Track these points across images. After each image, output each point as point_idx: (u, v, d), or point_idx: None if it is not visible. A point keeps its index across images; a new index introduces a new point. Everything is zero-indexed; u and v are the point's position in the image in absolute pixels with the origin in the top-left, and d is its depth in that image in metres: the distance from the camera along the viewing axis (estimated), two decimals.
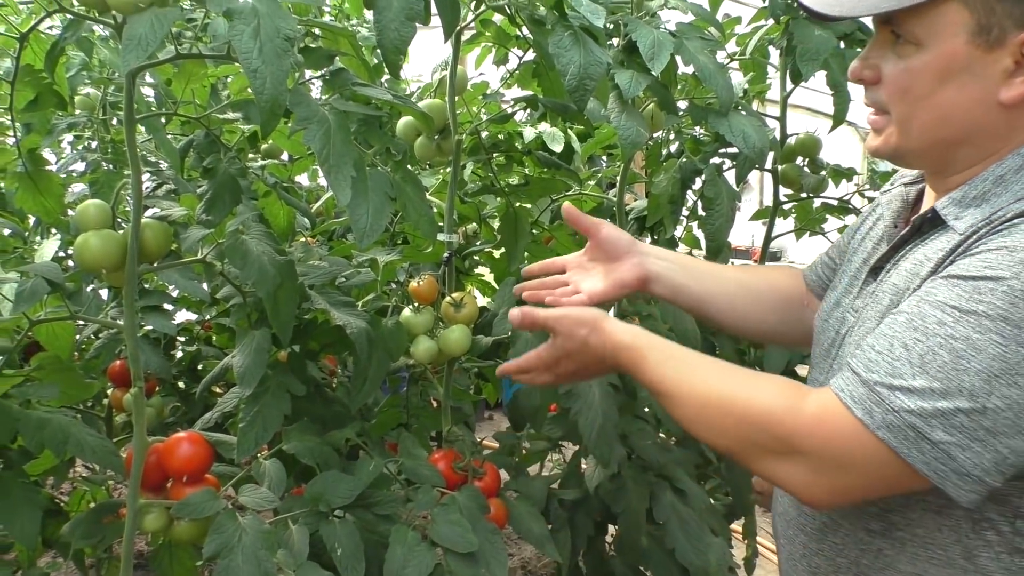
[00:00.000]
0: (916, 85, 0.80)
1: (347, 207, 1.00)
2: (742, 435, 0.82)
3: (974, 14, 0.76)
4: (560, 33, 1.14)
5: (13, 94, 1.26)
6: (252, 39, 0.94)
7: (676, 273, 1.11)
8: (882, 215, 0.99)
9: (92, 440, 1.18)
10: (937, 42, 0.78)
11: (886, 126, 0.85)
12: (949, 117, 0.80)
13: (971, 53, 0.77)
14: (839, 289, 1.00)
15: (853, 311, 0.93)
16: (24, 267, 1.16)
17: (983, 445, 0.71)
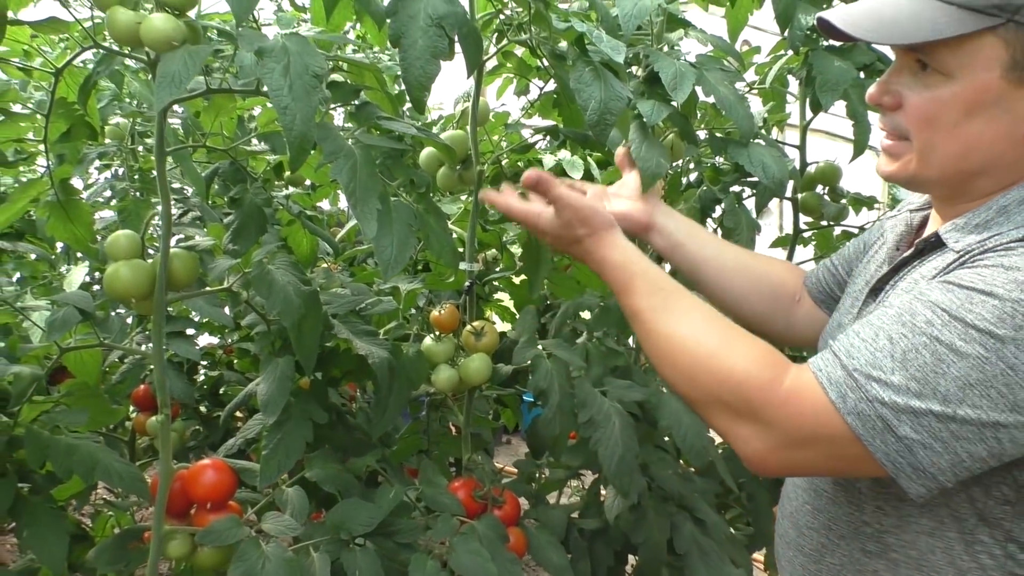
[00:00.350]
0: (943, 115, 0.80)
1: (372, 239, 1.01)
2: (710, 389, 0.83)
3: (1009, 49, 0.76)
4: (581, 69, 1.15)
5: (47, 126, 1.29)
6: (282, 77, 0.97)
7: (679, 232, 1.17)
8: (886, 240, 1.00)
9: (119, 466, 1.20)
10: (969, 74, 0.78)
11: (904, 152, 0.85)
12: (973, 148, 0.81)
13: (1003, 88, 0.77)
14: (841, 310, 1.02)
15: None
16: (56, 296, 1.18)
17: (944, 447, 0.72)
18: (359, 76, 1.27)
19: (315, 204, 1.96)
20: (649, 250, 1.28)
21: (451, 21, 1.07)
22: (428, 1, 1.06)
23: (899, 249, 0.96)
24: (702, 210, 1.58)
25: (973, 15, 0.75)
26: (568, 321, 1.58)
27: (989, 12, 0.75)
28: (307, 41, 1.03)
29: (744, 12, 1.68)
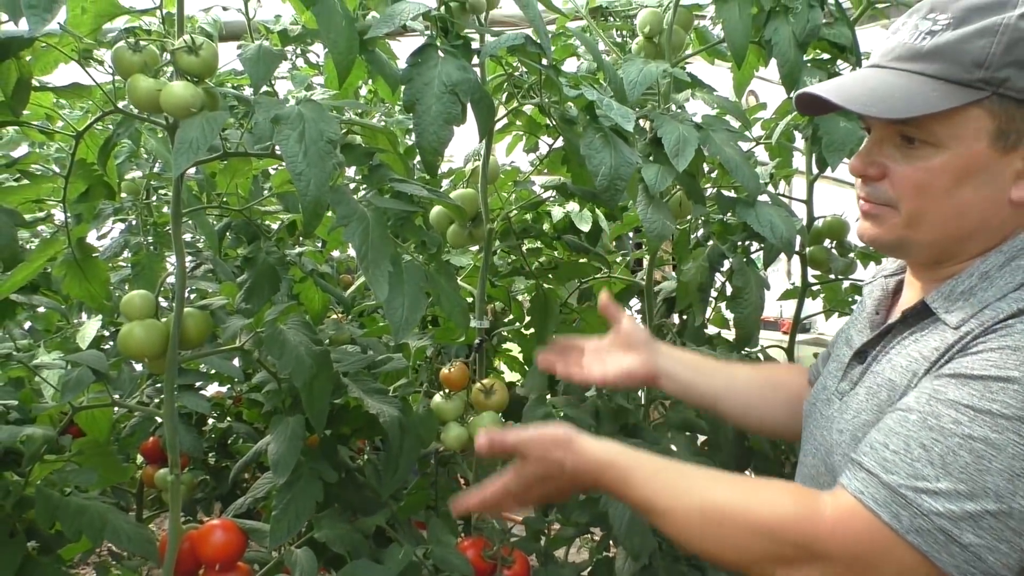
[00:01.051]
0: (935, 184, 0.82)
1: (384, 302, 1.02)
2: (755, 546, 0.80)
3: (995, 120, 0.79)
4: (591, 135, 1.17)
5: (67, 187, 1.32)
6: (297, 143, 0.99)
7: (686, 372, 1.14)
8: (865, 305, 1.02)
9: (128, 528, 1.20)
10: (958, 145, 0.80)
11: (889, 217, 0.86)
12: (963, 215, 0.83)
13: (990, 156, 0.80)
14: (826, 374, 1.03)
15: (838, 394, 0.95)
16: (70, 356, 1.19)
17: (1010, 545, 0.71)
18: (373, 139, 1.30)
19: (327, 256, 1.98)
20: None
21: (464, 88, 1.10)
22: (442, 68, 1.09)
23: (878, 313, 0.98)
24: (710, 266, 1.59)
25: (961, 89, 0.78)
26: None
27: (975, 86, 0.78)
28: (322, 107, 1.05)
29: (749, 69, 1.71)
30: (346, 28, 1.13)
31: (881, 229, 0.88)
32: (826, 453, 0.92)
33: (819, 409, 0.99)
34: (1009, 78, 0.77)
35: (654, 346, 1.15)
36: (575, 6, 1.69)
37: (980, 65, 0.77)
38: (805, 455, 1.00)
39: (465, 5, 1.25)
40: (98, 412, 1.35)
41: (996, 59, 0.77)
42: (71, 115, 1.56)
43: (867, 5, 1.63)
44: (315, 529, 1.30)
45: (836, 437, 0.90)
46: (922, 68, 0.80)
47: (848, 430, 0.88)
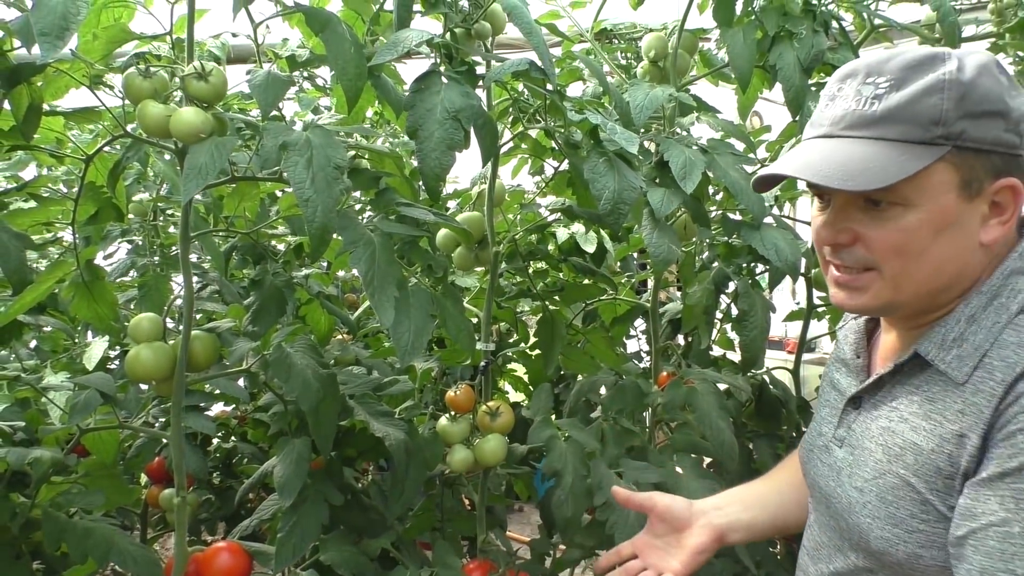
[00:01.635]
0: (912, 243, 0.83)
1: (390, 327, 1.02)
2: None
3: (959, 172, 0.81)
4: (595, 159, 1.18)
5: (76, 209, 1.33)
6: (305, 170, 1.00)
7: (742, 515, 1.12)
8: (843, 349, 1.03)
9: (134, 550, 1.20)
10: (929, 201, 0.81)
11: (870, 283, 0.86)
12: (943, 267, 0.84)
13: (959, 206, 0.82)
14: (817, 419, 1.04)
15: (836, 441, 0.96)
16: (78, 379, 1.20)
17: None
18: (380, 163, 1.31)
19: (333, 276, 1.98)
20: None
21: (467, 114, 1.10)
22: (445, 95, 1.10)
23: (859, 356, 0.99)
24: (716, 289, 1.59)
25: (924, 148, 0.79)
26: (583, 399, 1.58)
27: (936, 143, 0.79)
28: (329, 133, 1.06)
29: (754, 93, 1.72)
30: (355, 55, 1.14)
31: (866, 297, 0.87)
32: (843, 510, 0.91)
33: (817, 456, 1.00)
34: (965, 130, 0.79)
35: (699, 508, 1.12)
36: (580, 30, 1.70)
37: (936, 123, 0.79)
38: (815, 502, 1.02)
39: (470, 31, 1.26)
40: (105, 434, 1.35)
41: (950, 114, 0.79)
42: (80, 138, 1.58)
43: (871, 29, 1.64)
44: (320, 551, 1.29)
45: (855, 496, 0.90)
46: (880, 133, 0.81)
47: (872, 491, 0.87)
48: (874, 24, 1.62)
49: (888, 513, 0.84)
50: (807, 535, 1.05)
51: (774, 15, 1.38)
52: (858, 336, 1.01)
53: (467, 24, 1.27)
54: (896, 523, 0.84)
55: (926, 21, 1.66)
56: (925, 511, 0.82)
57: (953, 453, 0.80)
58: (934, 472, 0.81)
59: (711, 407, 1.43)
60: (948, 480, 0.81)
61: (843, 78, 0.86)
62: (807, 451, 1.04)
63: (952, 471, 0.80)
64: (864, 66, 0.84)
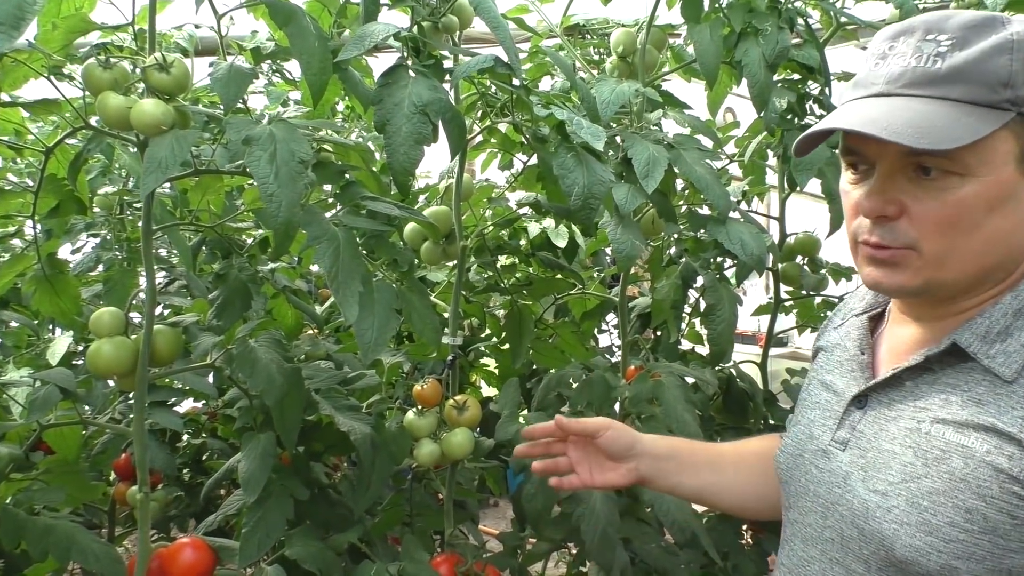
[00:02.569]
0: (966, 217, 0.76)
1: (353, 323, 1.02)
2: None
3: (1019, 141, 0.75)
4: (563, 154, 1.18)
5: (36, 203, 1.31)
6: (269, 164, 0.99)
7: (671, 473, 1.11)
8: (846, 347, 0.96)
9: (96, 547, 1.18)
10: (987, 172, 0.75)
11: (910, 261, 0.79)
12: (993, 244, 0.78)
13: (1018, 180, 0.76)
14: (804, 422, 0.96)
15: (837, 444, 0.89)
16: (39, 373, 1.18)
17: None
18: (345, 156, 1.30)
19: (303, 272, 1.97)
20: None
21: (435, 108, 1.10)
22: (413, 89, 1.09)
23: (863, 353, 0.92)
24: (683, 283, 1.61)
25: (991, 111, 0.74)
26: (551, 394, 1.59)
27: (1002, 107, 0.74)
28: (293, 127, 1.05)
29: (723, 88, 1.73)
30: (319, 48, 1.13)
31: (904, 276, 0.80)
32: (856, 516, 0.83)
33: (810, 461, 0.92)
34: None
35: (638, 450, 1.11)
36: (549, 25, 1.70)
37: (1006, 84, 0.73)
38: (802, 513, 0.93)
39: (438, 25, 1.26)
40: (67, 430, 1.33)
41: (1019, 77, 0.73)
42: (42, 130, 1.55)
43: (837, 26, 1.66)
44: (286, 547, 1.29)
45: (875, 500, 0.82)
46: (944, 92, 0.74)
47: (901, 495, 0.80)
48: (840, 22, 1.64)
49: (921, 520, 0.77)
50: (786, 552, 0.96)
51: (740, 12, 1.39)
52: (862, 332, 0.94)
53: (434, 18, 1.26)
54: (930, 531, 0.76)
55: (890, 19, 1.68)
56: (968, 520, 0.74)
57: (1015, 456, 0.73)
58: (990, 475, 0.74)
59: (677, 400, 1.44)
60: (1008, 484, 0.73)
61: (895, 36, 0.78)
62: (793, 457, 0.96)
63: (1015, 475, 0.73)
64: (922, 23, 0.77)
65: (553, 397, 1.70)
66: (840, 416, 0.90)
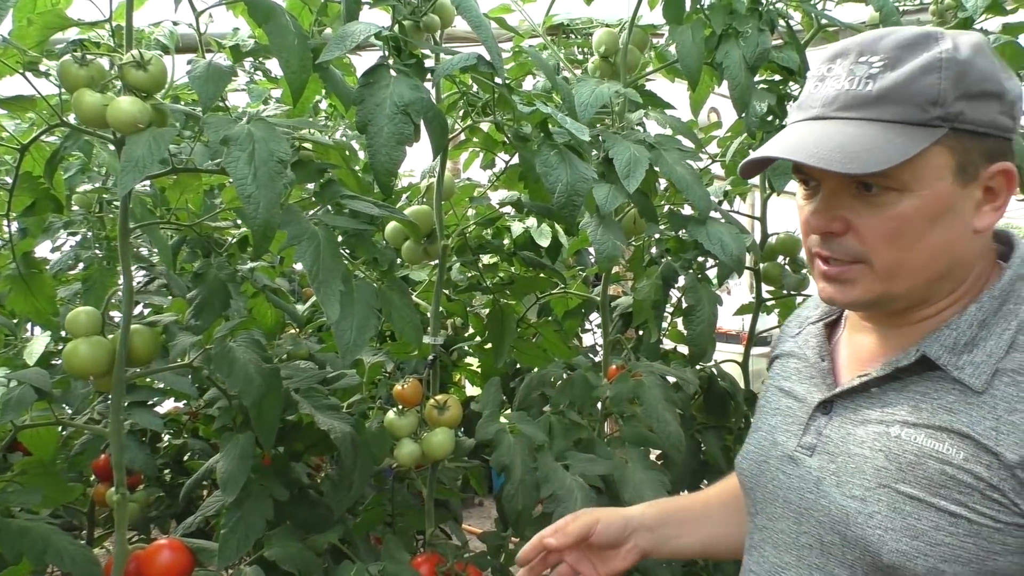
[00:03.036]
0: (908, 230, 0.78)
1: (334, 323, 1.02)
2: None
3: (955, 155, 0.77)
4: (546, 152, 1.18)
5: (11, 201, 1.29)
6: (247, 165, 0.98)
7: (671, 538, 1.09)
8: (805, 356, 0.96)
9: (72, 549, 1.17)
10: (923, 186, 0.77)
11: (861, 276, 0.81)
12: (937, 255, 0.80)
13: (954, 192, 0.78)
14: (765, 428, 0.97)
15: (804, 449, 0.89)
16: (13, 373, 1.17)
17: None
18: (324, 154, 1.29)
19: (284, 271, 1.96)
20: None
21: (417, 108, 1.10)
22: (394, 89, 1.09)
23: (824, 360, 0.93)
24: (664, 283, 1.61)
25: (921, 129, 0.76)
26: (533, 394, 1.59)
27: (933, 124, 0.76)
28: (272, 126, 1.05)
29: (705, 89, 1.74)
30: (299, 47, 1.12)
31: (857, 291, 0.82)
32: (835, 522, 0.84)
33: (776, 467, 0.93)
34: (962, 111, 0.76)
35: (633, 526, 1.08)
36: (531, 24, 1.70)
37: (935, 103, 0.76)
38: (772, 519, 0.93)
39: (419, 24, 1.26)
40: (43, 431, 1.32)
41: (948, 94, 0.76)
42: (18, 127, 1.54)
43: (818, 28, 1.67)
44: (265, 547, 1.28)
45: (853, 506, 0.82)
46: (876, 114, 0.77)
47: (881, 500, 0.80)
48: (821, 23, 1.65)
49: (905, 525, 0.78)
50: (755, 559, 0.95)
51: (721, 13, 1.40)
52: (820, 339, 0.95)
53: (416, 17, 1.26)
54: (915, 535, 0.77)
55: (870, 21, 1.69)
56: (954, 523, 0.76)
57: (993, 465, 0.75)
58: (969, 481, 0.76)
59: (657, 400, 1.44)
60: (989, 491, 0.75)
61: (832, 58, 0.81)
62: (757, 463, 0.96)
63: (994, 484, 0.75)
64: (856, 45, 0.80)
65: (536, 396, 1.71)
66: (805, 422, 0.91)
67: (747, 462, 0.98)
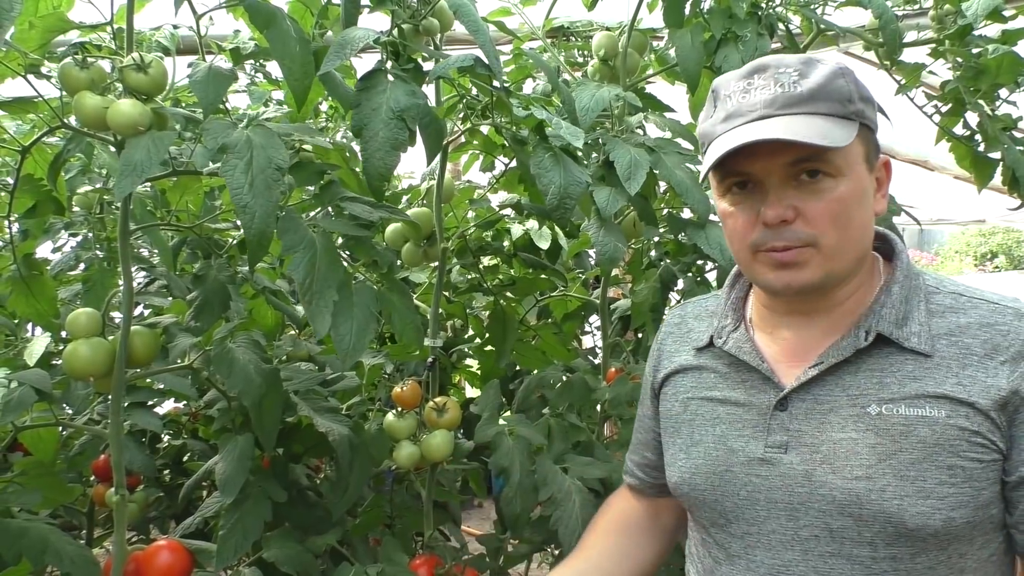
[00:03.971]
0: (844, 211, 0.88)
1: (329, 329, 1.02)
2: None
3: (864, 145, 0.90)
4: (541, 154, 1.18)
5: (12, 203, 1.30)
6: (244, 174, 0.98)
7: None
8: (731, 360, 0.98)
9: (71, 550, 1.18)
10: (851, 171, 0.88)
11: (810, 258, 0.88)
12: (864, 234, 0.91)
13: (867, 177, 0.91)
14: (710, 439, 0.97)
15: (777, 448, 0.91)
16: (14, 374, 1.17)
17: None
18: (324, 155, 1.30)
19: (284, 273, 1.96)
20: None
21: (413, 113, 1.10)
22: (391, 95, 1.09)
23: (764, 361, 0.95)
24: (663, 286, 1.61)
25: (848, 122, 0.88)
26: (532, 396, 1.59)
27: (851, 118, 0.88)
28: (271, 132, 1.05)
29: (703, 92, 1.74)
30: (301, 52, 1.13)
31: (807, 272, 0.88)
32: (843, 506, 0.87)
33: (746, 473, 0.93)
34: (863, 109, 0.88)
35: None
36: (531, 27, 1.70)
37: (850, 100, 0.87)
38: (756, 522, 0.93)
39: (418, 28, 1.26)
40: (43, 431, 1.32)
41: (855, 94, 0.88)
42: (19, 128, 1.54)
43: (817, 32, 1.67)
44: (264, 549, 1.29)
45: (863, 486, 0.85)
46: (813, 109, 0.87)
47: (887, 473, 0.85)
48: (820, 28, 1.65)
49: (916, 489, 0.84)
50: (739, 568, 0.95)
51: (720, 17, 1.40)
52: (751, 344, 0.97)
53: (415, 20, 1.26)
54: (927, 495, 0.84)
55: (869, 26, 1.69)
56: (952, 474, 0.84)
57: (971, 415, 0.84)
58: (957, 434, 0.84)
59: None
60: (974, 437, 0.84)
61: (750, 74, 0.90)
62: (717, 475, 0.96)
63: (976, 429, 0.84)
64: (767, 61, 0.90)
65: (535, 398, 1.71)
66: (764, 424, 0.93)
67: (700, 476, 0.98)
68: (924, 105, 1.75)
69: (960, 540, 0.86)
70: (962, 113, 1.72)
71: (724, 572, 0.96)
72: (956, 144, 1.75)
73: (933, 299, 0.92)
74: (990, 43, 1.61)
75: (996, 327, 0.88)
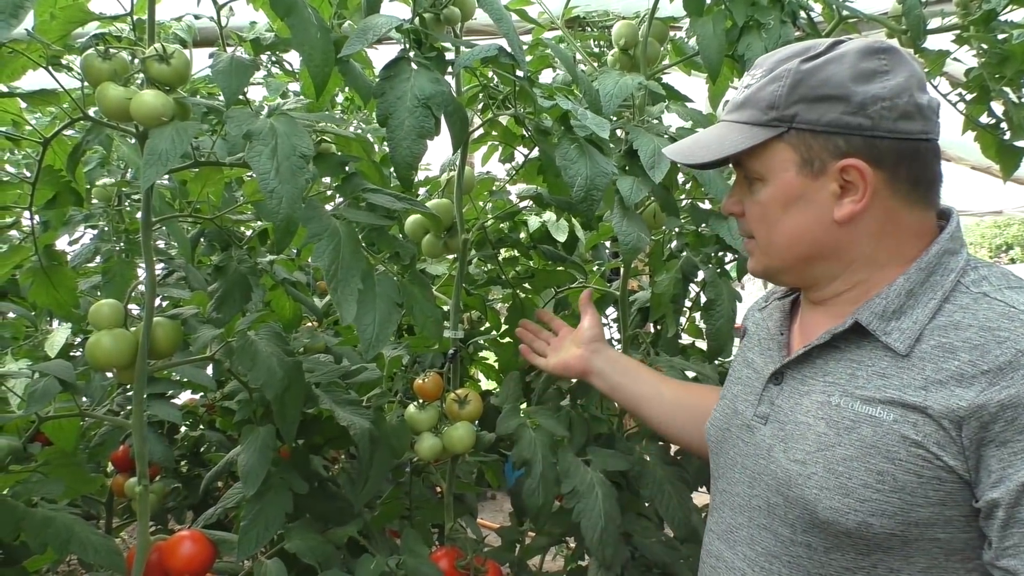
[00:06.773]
0: (767, 213, 0.94)
1: (354, 319, 1.01)
2: None
3: (797, 151, 0.90)
4: (566, 146, 1.17)
5: (34, 194, 1.30)
6: (270, 160, 0.98)
7: (615, 375, 1.33)
8: (768, 328, 1.07)
9: (95, 539, 1.18)
10: (773, 177, 0.92)
11: (754, 250, 0.99)
12: (798, 238, 0.93)
13: (802, 183, 0.91)
14: (728, 397, 1.08)
15: (759, 419, 0.99)
16: (37, 366, 1.18)
17: None
18: (346, 146, 1.29)
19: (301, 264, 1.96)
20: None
21: (437, 101, 1.09)
22: (415, 82, 1.09)
23: (782, 333, 1.04)
24: (684, 278, 1.60)
25: (760, 129, 0.91)
26: (551, 388, 1.58)
27: (771, 124, 0.90)
28: (295, 121, 1.04)
29: (725, 82, 1.72)
30: (321, 40, 1.12)
31: (752, 262, 1.01)
32: (780, 484, 0.92)
33: (737, 435, 1.02)
34: (798, 114, 0.88)
35: (598, 346, 1.35)
36: (551, 16, 1.69)
37: (772, 107, 0.90)
38: (731, 483, 1.02)
39: (440, 17, 1.25)
40: (65, 422, 1.33)
41: (783, 100, 0.89)
42: (40, 120, 1.54)
43: (839, 20, 1.65)
44: (285, 540, 1.29)
45: (795, 468, 0.90)
46: (738, 117, 0.94)
47: (819, 463, 0.88)
48: (842, 15, 1.63)
49: (838, 484, 0.86)
50: (715, 519, 1.06)
51: (743, 5, 1.38)
52: (783, 314, 1.06)
53: (436, 9, 1.25)
54: (846, 493, 0.85)
55: (892, 13, 1.67)
56: (880, 481, 0.83)
57: (919, 423, 0.82)
58: (897, 441, 0.83)
59: None
60: (914, 448, 0.82)
61: (751, 68, 0.96)
62: (721, 430, 1.07)
63: (919, 440, 0.82)
64: (759, 61, 0.95)
65: (553, 390, 1.70)
66: (760, 392, 1.00)
67: (714, 429, 1.10)
68: (948, 93, 1.73)
69: (889, 553, 0.84)
70: (987, 101, 1.70)
71: (708, 520, 1.09)
72: (982, 133, 1.73)
73: (955, 299, 0.87)
74: (1016, 28, 1.59)
75: (996, 331, 0.81)
